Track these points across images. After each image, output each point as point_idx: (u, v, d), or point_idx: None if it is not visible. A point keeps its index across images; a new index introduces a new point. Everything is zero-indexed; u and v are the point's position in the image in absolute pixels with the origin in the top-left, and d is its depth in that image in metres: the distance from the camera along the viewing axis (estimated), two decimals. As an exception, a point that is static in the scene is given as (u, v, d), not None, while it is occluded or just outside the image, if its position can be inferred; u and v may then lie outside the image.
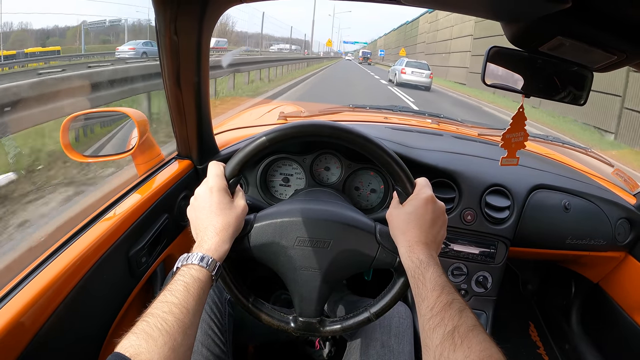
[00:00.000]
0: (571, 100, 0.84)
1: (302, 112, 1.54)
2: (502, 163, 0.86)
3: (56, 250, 0.75)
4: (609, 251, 1.27)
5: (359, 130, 0.74)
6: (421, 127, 1.50)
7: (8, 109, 3.12)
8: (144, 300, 1.02)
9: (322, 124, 0.75)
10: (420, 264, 0.65)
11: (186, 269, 0.63)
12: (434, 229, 0.71)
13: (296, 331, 0.79)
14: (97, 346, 0.82)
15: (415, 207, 0.71)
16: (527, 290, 1.78)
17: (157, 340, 0.53)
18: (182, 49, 0.88)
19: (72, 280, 0.72)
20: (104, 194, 1.25)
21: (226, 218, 0.70)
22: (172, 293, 0.59)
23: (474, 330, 0.56)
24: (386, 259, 0.75)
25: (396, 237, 0.72)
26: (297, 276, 0.76)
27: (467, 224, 1.15)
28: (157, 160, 1.12)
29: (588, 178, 1.37)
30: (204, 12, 0.83)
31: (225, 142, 1.21)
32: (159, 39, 0.87)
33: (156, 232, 0.96)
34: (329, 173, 1.14)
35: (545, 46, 0.70)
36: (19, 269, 0.71)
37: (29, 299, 0.63)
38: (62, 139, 1.06)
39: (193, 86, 0.95)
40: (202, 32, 0.86)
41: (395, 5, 0.65)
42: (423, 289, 0.62)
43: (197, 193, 0.74)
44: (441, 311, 0.58)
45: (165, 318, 0.55)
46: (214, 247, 0.67)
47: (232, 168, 0.74)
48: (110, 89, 4.75)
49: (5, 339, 0.58)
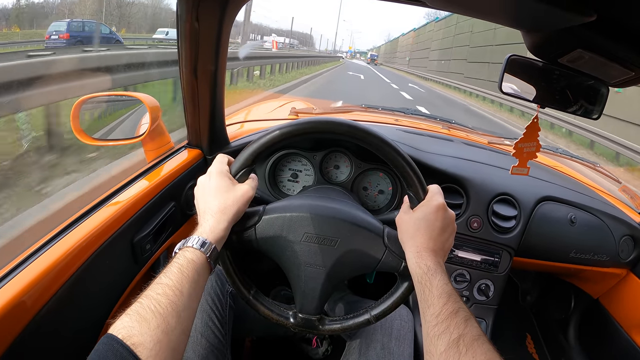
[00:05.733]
0: (585, 113, 0.83)
1: (314, 109, 1.54)
2: (513, 172, 0.86)
3: (61, 232, 0.75)
4: (611, 267, 1.27)
5: (376, 131, 0.74)
6: (432, 131, 1.50)
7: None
8: (145, 287, 1.03)
9: (339, 121, 0.75)
10: (427, 270, 0.65)
11: (182, 252, 0.64)
12: (443, 236, 0.71)
13: (295, 327, 0.80)
14: (96, 329, 0.82)
15: (426, 213, 0.71)
16: (526, 301, 1.78)
17: (149, 322, 0.52)
18: (202, 37, 0.87)
19: (75, 262, 0.72)
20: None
21: (223, 200, 0.70)
22: (166, 275, 0.59)
23: (479, 340, 0.56)
24: (392, 263, 0.75)
25: (404, 242, 0.72)
26: (301, 272, 0.76)
27: (473, 231, 1.15)
28: (166, 148, 1.12)
29: (595, 193, 1.36)
30: (227, 0, 0.82)
31: (235, 134, 1.21)
32: (179, 24, 0.86)
33: (162, 219, 0.96)
34: (338, 171, 1.14)
35: (564, 58, 0.70)
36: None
37: (31, 278, 0.63)
38: (73, 121, 1.06)
39: (209, 75, 0.95)
40: (224, 20, 0.86)
41: (421, 7, 0.65)
42: (429, 295, 0.63)
43: (198, 181, 0.75)
44: (447, 319, 0.59)
45: (158, 300, 0.55)
46: (209, 229, 0.67)
47: (246, 158, 0.74)
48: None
49: (5, 317, 0.58)
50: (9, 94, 3.23)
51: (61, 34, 14.51)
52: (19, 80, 3.35)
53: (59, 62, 4.15)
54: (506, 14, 0.66)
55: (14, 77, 3.34)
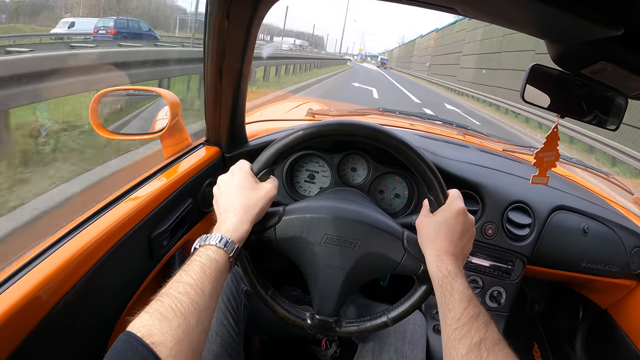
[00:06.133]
0: (600, 123, 0.84)
1: (331, 111, 1.55)
2: (533, 181, 0.87)
3: (79, 225, 0.75)
4: (621, 278, 1.27)
5: (400, 135, 0.74)
6: (447, 136, 1.50)
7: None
8: (160, 283, 1.03)
9: (364, 124, 0.75)
10: (448, 274, 0.66)
11: (203, 250, 0.63)
12: (463, 241, 0.72)
13: (312, 328, 0.80)
14: (111, 324, 0.83)
15: (446, 217, 0.72)
16: (534, 309, 1.77)
17: (171, 321, 0.51)
18: (231, 34, 0.87)
19: (93, 256, 0.72)
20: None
21: (246, 199, 0.70)
22: (187, 273, 0.58)
23: (500, 344, 0.57)
24: (410, 266, 0.75)
25: (424, 246, 0.72)
26: (320, 273, 0.76)
27: (487, 237, 1.15)
28: (184, 145, 1.13)
29: (607, 204, 1.36)
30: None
31: (253, 133, 1.22)
32: (208, 21, 0.86)
33: (179, 216, 0.97)
34: (355, 174, 1.14)
35: (587, 69, 0.70)
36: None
37: (48, 273, 0.63)
38: (91, 114, 1.06)
39: (234, 74, 0.95)
40: (254, 19, 0.86)
41: (451, 14, 0.66)
42: (450, 299, 0.63)
43: (219, 180, 0.75)
44: (468, 322, 0.59)
45: (180, 299, 0.54)
46: (233, 227, 0.66)
47: (268, 157, 0.74)
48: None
49: (21, 311, 0.58)
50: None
51: (109, 29, 15.91)
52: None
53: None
54: (533, 24, 0.66)
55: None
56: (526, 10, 0.60)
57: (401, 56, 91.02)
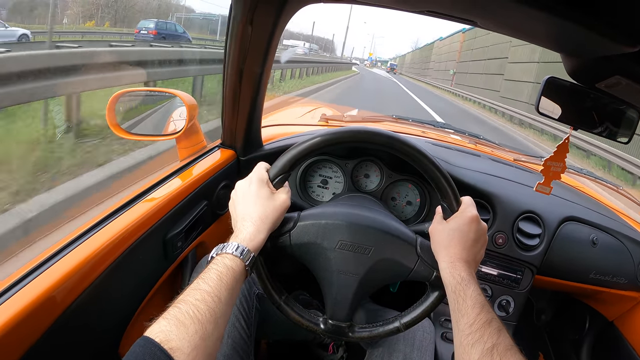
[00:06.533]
0: (614, 135, 0.85)
1: (344, 117, 1.56)
2: (537, 188, 0.88)
3: (96, 226, 0.76)
4: (628, 290, 1.26)
5: (414, 143, 0.75)
6: (459, 145, 1.51)
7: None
8: (173, 284, 1.04)
9: (378, 131, 0.76)
10: (462, 280, 0.67)
11: (220, 258, 0.63)
12: (476, 247, 0.72)
13: (325, 333, 0.80)
14: (123, 325, 0.83)
15: (460, 224, 0.73)
16: (541, 320, 1.77)
17: (188, 327, 0.52)
18: (253, 39, 0.88)
19: (109, 257, 0.73)
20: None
21: (263, 209, 0.70)
22: (205, 281, 0.59)
23: (512, 350, 0.58)
24: (423, 272, 0.76)
25: (438, 252, 0.73)
26: (334, 279, 0.77)
27: (497, 247, 1.15)
28: (199, 147, 1.14)
29: (616, 215, 1.36)
30: (283, 6, 0.83)
31: (268, 137, 1.23)
32: (232, 25, 0.87)
33: (194, 218, 0.98)
34: (368, 180, 1.15)
35: (602, 83, 0.71)
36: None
37: (63, 273, 0.64)
38: (108, 114, 1.07)
39: (254, 78, 0.96)
40: (277, 25, 0.87)
41: (470, 25, 0.67)
42: (463, 305, 0.64)
43: (237, 186, 0.75)
44: (480, 328, 0.60)
45: (197, 306, 0.55)
46: (249, 237, 0.67)
47: (284, 164, 0.75)
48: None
49: (37, 311, 0.59)
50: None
51: (150, 30, 17.73)
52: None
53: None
54: (550, 38, 0.68)
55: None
56: (544, 24, 0.61)
57: (415, 62, 79.72)
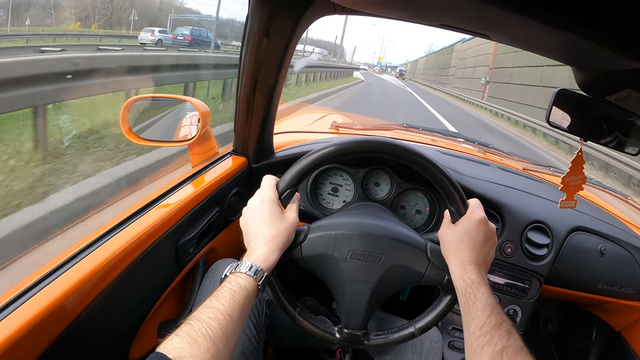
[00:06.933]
0: (622, 146, 0.85)
1: (354, 125, 1.58)
2: (561, 206, 0.87)
3: (110, 231, 0.77)
4: (635, 301, 1.26)
5: (417, 149, 0.76)
6: (468, 154, 1.51)
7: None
8: (183, 289, 1.05)
9: (383, 141, 0.77)
10: (472, 283, 0.67)
11: (234, 277, 0.65)
12: (485, 249, 0.73)
13: (341, 342, 0.80)
14: (133, 331, 0.84)
15: (468, 227, 0.73)
16: (547, 329, 1.76)
17: (200, 345, 0.53)
18: (269, 50, 0.90)
19: (121, 264, 0.74)
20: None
21: (276, 229, 0.72)
22: (218, 299, 0.60)
23: (522, 352, 0.58)
24: (435, 277, 0.77)
25: (448, 256, 0.74)
26: (347, 288, 0.77)
27: (506, 256, 1.16)
28: (211, 153, 1.16)
29: (625, 225, 1.36)
30: (300, 17, 0.85)
31: (279, 145, 1.24)
32: (248, 36, 0.89)
33: (206, 224, 0.99)
34: (378, 189, 1.16)
35: (612, 96, 0.72)
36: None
37: (77, 280, 0.65)
38: (122, 120, 1.09)
39: (268, 87, 0.97)
40: (293, 36, 0.89)
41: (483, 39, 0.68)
42: (474, 307, 0.65)
43: (249, 204, 0.77)
44: (490, 331, 0.61)
45: (210, 324, 0.56)
46: (263, 257, 0.69)
47: (291, 178, 0.76)
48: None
49: (48, 319, 0.60)
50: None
51: (186, 36, 19.71)
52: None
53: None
54: (561, 52, 0.68)
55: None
56: (555, 39, 0.62)
57: (429, 67, 68.21)
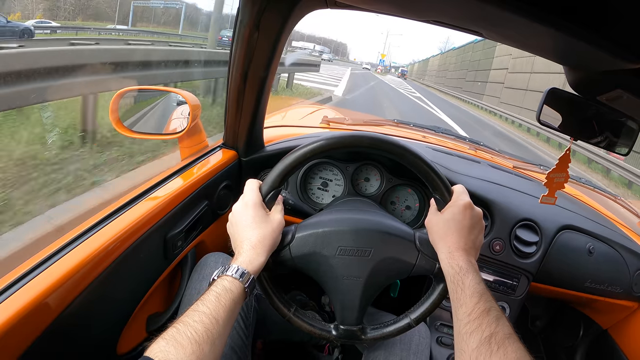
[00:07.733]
0: (613, 146, 0.86)
1: (346, 120, 1.57)
2: (542, 201, 0.88)
3: (95, 226, 0.76)
4: (623, 300, 1.27)
5: (397, 140, 0.76)
6: (459, 151, 1.51)
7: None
8: (172, 282, 1.05)
9: (362, 135, 0.77)
10: (459, 270, 0.67)
11: (220, 280, 0.65)
12: (472, 234, 0.73)
13: (338, 339, 0.80)
14: (121, 323, 0.84)
15: (454, 213, 0.73)
16: (536, 326, 1.78)
17: (185, 348, 0.54)
18: (259, 43, 0.89)
19: (109, 256, 0.73)
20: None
21: (261, 232, 0.72)
22: (203, 303, 0.61)
23: (510, 339, 0.58)
24: (425, 266, 0.77)
25: (436, 244, 0.74)
26: (339, 285, 0.77)
27: (494, 253, 1.16)
28: (201, 146, 1.15)
29: (614, 225, 1.37)
30: (291, 11, 0.84)
31: (270, 138, 1.24)
32: (238, 28, 0.88)
33: (195, 217, 0.99)
34: (368, 184, 1.16)
35: (604, 96, 0.72)
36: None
37: (64, 272, 0.65)
38: (112, 113, 1.08)
39: (258, 81, 0.97)
40: (284, 30, 0.88)
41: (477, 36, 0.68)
42: (462, 294, 0.65)
43: (234, 209, 0.77)
44: (479, 317, 0.61)
45: (195, 327, 0.57)
46: (249, 260, 0.69)
47: (273, 180, 0.76)
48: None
49: (33, 313, 0.59)
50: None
51: (230, 37, 19.24)
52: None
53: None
54: (554, 51, 0.68)
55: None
56: (548, 39, 0.62)
57: (448, 69, 50.28)
